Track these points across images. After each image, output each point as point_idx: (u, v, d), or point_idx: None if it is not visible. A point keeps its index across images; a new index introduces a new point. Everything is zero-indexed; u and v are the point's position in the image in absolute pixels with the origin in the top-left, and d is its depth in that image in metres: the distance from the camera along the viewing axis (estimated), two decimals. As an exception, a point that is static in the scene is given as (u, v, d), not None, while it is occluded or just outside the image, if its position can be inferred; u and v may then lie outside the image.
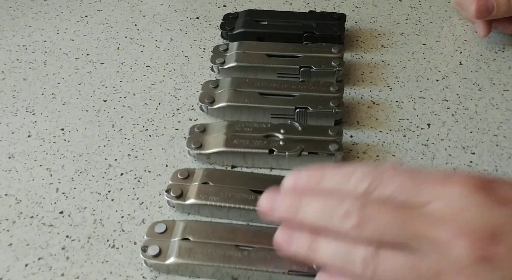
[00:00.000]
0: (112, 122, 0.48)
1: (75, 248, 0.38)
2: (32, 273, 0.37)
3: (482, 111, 0.49)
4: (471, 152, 0.45)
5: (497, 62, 0.54)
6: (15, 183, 0.43)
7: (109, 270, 0.37)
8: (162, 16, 0.61)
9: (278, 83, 0.48)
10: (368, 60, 0.54)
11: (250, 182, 0.40)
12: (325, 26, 0.54)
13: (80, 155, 0.45)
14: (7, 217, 0.40)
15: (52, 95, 0.51)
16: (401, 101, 0.50)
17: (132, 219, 0.40)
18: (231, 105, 0.47)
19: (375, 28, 0.59)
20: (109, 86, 0.52)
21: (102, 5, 0.63)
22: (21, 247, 0.38)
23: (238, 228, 0.37)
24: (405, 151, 0.45)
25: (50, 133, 0.47)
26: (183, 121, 0.48)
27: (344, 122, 0.47)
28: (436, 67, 0.54)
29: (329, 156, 0.42)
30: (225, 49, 0.53)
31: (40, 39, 0.58)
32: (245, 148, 0.43)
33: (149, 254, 0.36)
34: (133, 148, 0.46)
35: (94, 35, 0.58)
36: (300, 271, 0.35)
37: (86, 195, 0.42)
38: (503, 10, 0.52)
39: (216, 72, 0.52)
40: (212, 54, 0.53)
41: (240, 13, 0.57)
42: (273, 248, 0.36)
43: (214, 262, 0.35)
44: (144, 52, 0.56)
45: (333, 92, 0.47)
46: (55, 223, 0.40)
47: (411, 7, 0.62)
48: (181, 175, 0.41)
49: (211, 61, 0.52)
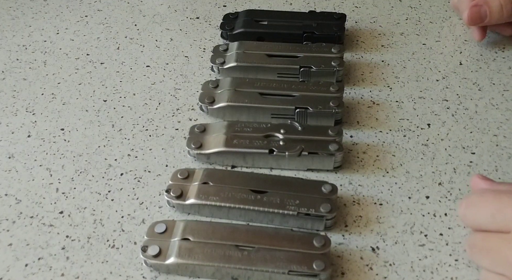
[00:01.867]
0: (112, 122, 0.48)
1: (75, 248, 0.38)
2: (32, 273, 0.37)
3: (482, 111, 0.49)
4: (471, 152, 0.45)
5: (497, 62, 0.54)
6: (15, 183, 0.43)
7: (109, 270, 0.37)
8: (162, 16, 0.61)
9: (278, 83, 0.48)
10: (368, 60, 0.54)
11: (250, 182, 0.40)
12: (325, 26, 0.54)
13: (80, 155, 0.45)
14: (7, 217, 0.40)
15: (52, 95, 0.51)
16: (401, 101, 0.50)
17: (132, 219, 0.40)
18: (231, 105, 0.47)
19: (375, 28, 0.59)
20: (109, 86, 0.52)
21: (102, 5, 0.63)
22: (21, 247, 0.38)
23: (238, 228, 0.37)
24: (405, 151, 0.45)
25: (50, 133, 0.47)
26: (183, 121, 0.48)
27: (344, 122, 0.47)
28: (436, 67, 0.54)
29: (329, 156, 0.42)
30: (225, 49, 0.53)
31: (40, 39, 0.58)
32: (245, 148, 0.43)
33: (149, 254, 0.36)
34: (133, 148, 0.46)
35: (94, 35, 0.58)
36: (300, 271, 0.35)
37: (86, 195, 0.42)
38: (496, 17, 0.53)
39: (216, 72, 0.52)
40: (212, 54, 0.53)
41: (240, 13, 0.57)
42: (273, 248, 0.36)
43: (214, 262, 0.35)
44: (144, 52, 0.56)
45: (333, 92, 0.47)
46: (55, 223, 0.40)
47: (411, 7, 0.62)
48: (181, 175, 0.41)
49: (211, 61, 0.52)
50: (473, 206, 0.36)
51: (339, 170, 0.44)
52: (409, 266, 0.37)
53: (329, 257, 0.36)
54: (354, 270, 0.37)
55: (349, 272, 0.37)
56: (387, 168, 0.44)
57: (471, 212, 0.36)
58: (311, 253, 0.35)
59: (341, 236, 0.39)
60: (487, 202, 0.35)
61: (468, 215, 0.36)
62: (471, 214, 0.36)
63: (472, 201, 0.36)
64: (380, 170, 0.44)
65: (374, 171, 0.43)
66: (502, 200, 0.34)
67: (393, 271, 0.37)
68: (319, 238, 0.36)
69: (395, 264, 0.37)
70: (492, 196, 0.35)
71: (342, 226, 0.40)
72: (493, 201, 0.35)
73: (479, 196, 0.36)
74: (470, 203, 0.36)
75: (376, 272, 0.37)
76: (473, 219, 0.36)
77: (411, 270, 0.37)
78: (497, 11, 0.52)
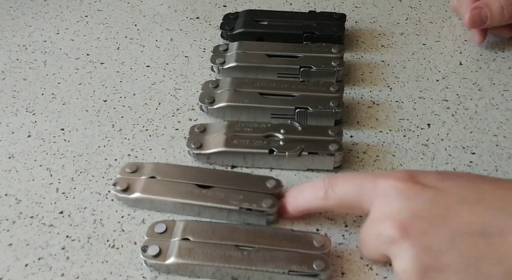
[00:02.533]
0: (112, 122, 0.48)
1: (75, 248, 0.38)
2: (32, 273, 0.37)
3: (482, 111, 0.49)
4: (471, 152, 0.45)
5: (497, 62, 0.54)
6: (15, 183, 0.43)
7: (109, 270, 0.37)
8: (162, 16, 0.61)
9: (278, 83, 0.48)
10: (368, 60, 0.54)
11: (197, 177, 0.41)
12: (325, 26, 0.54)
13: (80, 155, 0.45)
14: (7, 217, 0.40)
15: (52, 95, 0.51)
16: (401, 101, 0.50)
17: (132, 219, 0.40)
18: (231, 105, 0.47)
19: (375, 28, 0.59)
20: (109, 86, 0.52)
21: (102, 5, 0.63)
22: (21, 247, 0.38)
23: (238, 228, 0.37)
24: (405, 151, 0.45)
25: (50, 133, 0.47)
26: (183, 121, 0.48)
27: (344, 122, 0.47)
28: (436, 67, 0.54)
29: (329, 156, 0.42)
30: (225, 49, 0.53)
31: (40, 39, 0.58)
32: (245, 148, 0.43)
33: (149, 254, 0.36)
34: (133, 148, 0.46)
35: (94, 35, 0.58)
36: (300, 271, 0.35)
37: (86, 195, 0.42)
38: (497, 20, 0.52)
39: (216, 72, 0.52)
40: (212, 54, 0.53)
41: (240, 13, 0.57)
42: (273, 248, 0.36)
43: (214, 262, 0.35)
44: (144, 52, 0.56)
45: (333, 92, 0.47)
46: (55, 223, 0.40)
47: (411, 7, 0.62)
48: (130, 169, 0.41)
49: (211, 61, 0.52)
50: (337, 186, 0.37)
51: (339, 170, 0.44)
52: (409, 266, 0.37)
53: (329, 257, 0.36)
54: (354, 270, 0.37)
55: (349, 272, 0.37)
56: (387, 168, 0.44)
57: (336, 191, 0.37)
58: (311, 253, 0.35)
59: (341, 236, 0.39)
60: (347, 180, 0.37)
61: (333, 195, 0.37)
62: (335, 194, 0.37)
63: (335, 182, 0.37)
64: (380, 170, 0.44)
65: (374, 171, 0.43)
66: (361, 176, 0.36)
67: (393, 271, 0.37)
68: (319, 238, 0.36)
69: (395, 264, 0.37)
70: (351, 176, 0.38)
71: (342, 226, 0.40)
72: (352, 179, 0.36)
73: (341, 176, 0.37)
74: (334, 184, 0.37)
75: (376, 272, 0.37)
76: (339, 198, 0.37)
77: (411, 270, 0.37)
78: (498, 13, 0.52)
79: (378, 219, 0.34)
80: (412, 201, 0.33)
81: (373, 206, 0.35)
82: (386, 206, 0.34)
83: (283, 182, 0.42)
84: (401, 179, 0.34)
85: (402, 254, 0.32)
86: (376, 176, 0.35)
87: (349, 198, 0.36)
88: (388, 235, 0.33)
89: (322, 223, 0.40)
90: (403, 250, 0.32)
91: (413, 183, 0.34)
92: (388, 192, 0.34)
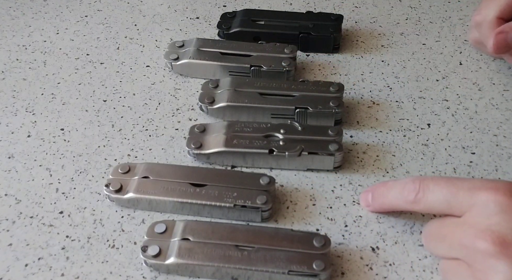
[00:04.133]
0: (112, 122, 0.48)
1: (75, 248, 0.38)
2: (32, 273, 0.37)
3: (482, 111, 0.49)
4: (471, 152, 0.45)
5: (497, 62, 0.54)
6: (15, 183, 0.43)
7: (109, 270, 0.37)
8: (162, 16, 0.61)
9: (278, 83, 0.48)
10: (368, 60, 0.54)
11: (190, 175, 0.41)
12: (321, 27, 0.54)
13: (80, 155, 0.45)
14: (7, 217, 0.40)
15: (52, 95, 0.51)
16: (401, 101, 0.50)
17: (132, 219, 0.40)
18: (231, 105, 0.47)
19: (375, 28, 0.59)
20: (109, 86, 0.52)
21: (102, 5, 0.63)
22: (21, 247, 0.38)
23: (238, 228, 0.37)
24: (405, 151, 0.45)
25: (50, 133, 0.47)
26: (183, 121, 0.48)
27: (344, 122, 0.47)
28: (436, 67, 0.54)
29: (329, 156, 0.42)
30: (181, 45, 0.53)
31: (40, 39, 0.58)
32: (245, 148, 0.43)
33: (149, 254, 0.36)
34: (133, 148, 0.46)
35: (94, 35, 0.58)
36: (300, 271, 0.35)
37: (86, 195, 0.42)
38: None
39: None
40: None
41: (238, 13, 0.57)
42: (273, 248, 0.36)
43: (214, 262, 0.35)
44: (144, 52, 0.56)
45: (333, 92, 0.47)
46: (55, 223, 0.40)
47: (411, 7, 0.62)
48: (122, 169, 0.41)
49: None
50: (429, 191, 0.35)
51: (339, 170, 0.44)
52: (409, 266, 0.37)
53: (329, 257, 0.36)
54: (354, 270, 0.37)
55: (349, 272, 0.37)
56: (387, 168, 0.44)
57: (427, 196, 0.36)
58: (311, 253, 0.35)
59: (341, 236, 0.39)
60: (440, 186, 0.35)
61: (423, 200, 0.36)
62: (426, 199, 0.36)
63: (426, 186, 0.36)
64: (380, 170, 0.44)
65: (374, 171, 0.43)
66: (455, 184, 0.35)
67: (393, 271, 0.37)
68: (319, 238, 0.36)
69: (395, 264, 0.37)
70: (444, 182, 0.35)
71: (342, 226, 0.40)
72: (446, 186, 0.35)
73: (433, 180, 0.36)
74: (426, 188, 0.36)
75: (376, 272, 0.37)
76: (429, 204, 0.36)
77: (411, 270, 0.37)
78: None
79: (471, 226, 0.33)
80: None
81: (469, 213, 0.34)
82: (485, 219, 0.33)
83: (283, 182, 0.42)
84: (503, 193, 0.33)
85: (499, 269, 0.31)
86: (472, 187, 0.34)
87: (440, 205, 0.35)
88: (484, 248, 0.32)
89: (322, 223, 0.40)
90: (500, 265, 0.31)
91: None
92: (487, 204, 0.33)
